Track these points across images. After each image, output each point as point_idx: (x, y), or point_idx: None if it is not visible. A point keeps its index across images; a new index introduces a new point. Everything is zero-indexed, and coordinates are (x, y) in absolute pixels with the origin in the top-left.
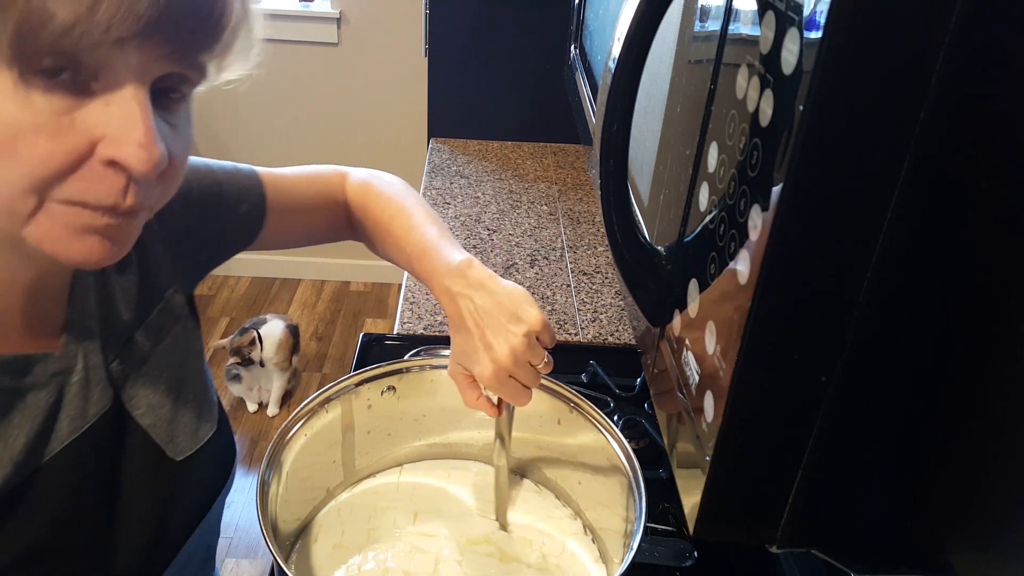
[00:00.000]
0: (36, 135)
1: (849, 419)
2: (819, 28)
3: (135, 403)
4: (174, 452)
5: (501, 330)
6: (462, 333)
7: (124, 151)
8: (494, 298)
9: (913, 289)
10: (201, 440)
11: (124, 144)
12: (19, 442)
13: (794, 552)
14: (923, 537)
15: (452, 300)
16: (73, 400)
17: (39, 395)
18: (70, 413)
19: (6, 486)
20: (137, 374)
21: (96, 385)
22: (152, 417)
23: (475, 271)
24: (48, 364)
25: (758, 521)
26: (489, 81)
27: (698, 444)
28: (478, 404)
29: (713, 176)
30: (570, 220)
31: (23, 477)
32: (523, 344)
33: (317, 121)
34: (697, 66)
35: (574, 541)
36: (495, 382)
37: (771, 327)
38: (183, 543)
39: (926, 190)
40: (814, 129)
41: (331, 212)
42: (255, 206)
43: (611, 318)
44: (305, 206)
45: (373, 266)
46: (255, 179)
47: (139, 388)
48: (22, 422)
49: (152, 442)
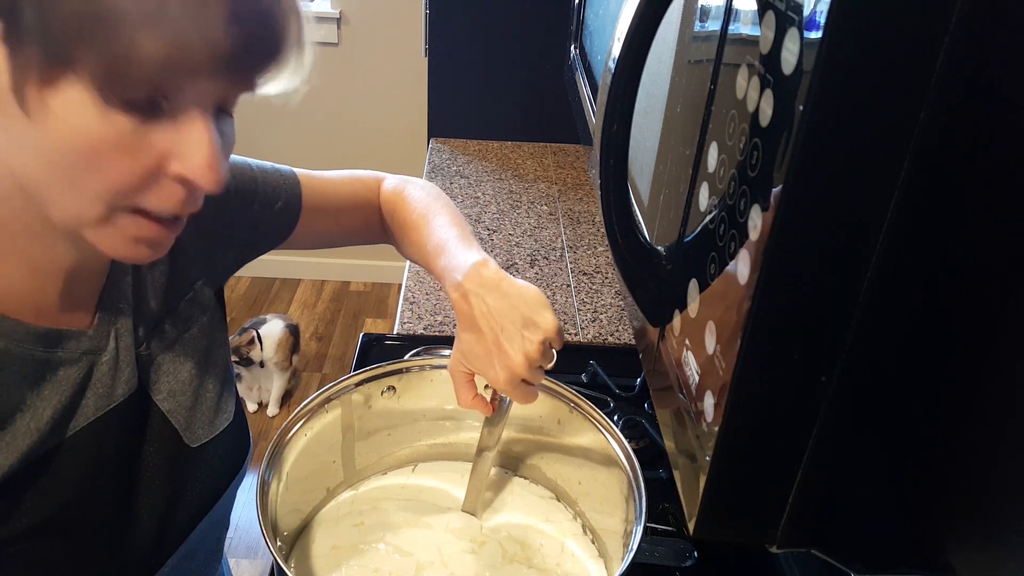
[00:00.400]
0: (116, 152)
1: (849, 419)
2: (819, 28)
3: (157, 388)
4: (190, 439)
5: (516, 336)
6: (472, 333)
7: (194, 170)
8: (508, 300)
9: (913, 289)
10: (217, 430)
11: (194, 163)
12: (46, 414)
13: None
14: (923, 537)
15: (464, 298)
16: (102, 379)
17: (69, 370)
18: (98, 391)
19: (30, 455)
20: (161, 360)
21: (125, 367)
22: (172, 403)
23: (489, 271)
24: (80, 341)
25: (758, 521)
26: (489, 81)
27: (698, 444)
28: (473, 403)
29: (713, 176)
30: (570, 220)
31: (47, 449)
32: (538, 352)
33: (317, 121)
34: (697, 66)
35: (574, 541)
36: (509, 387)
37: (771, 327)
38: (191, 530)
39: (926, 190)
40: (814, 129)
41: (364, 214)
42: (290, 204)
43: (611, 318)
44: (339, 207)
45: (373, 266)
46: (292, 179)
47: (162, 374)
48: (51, 395)
49: (171, 427)
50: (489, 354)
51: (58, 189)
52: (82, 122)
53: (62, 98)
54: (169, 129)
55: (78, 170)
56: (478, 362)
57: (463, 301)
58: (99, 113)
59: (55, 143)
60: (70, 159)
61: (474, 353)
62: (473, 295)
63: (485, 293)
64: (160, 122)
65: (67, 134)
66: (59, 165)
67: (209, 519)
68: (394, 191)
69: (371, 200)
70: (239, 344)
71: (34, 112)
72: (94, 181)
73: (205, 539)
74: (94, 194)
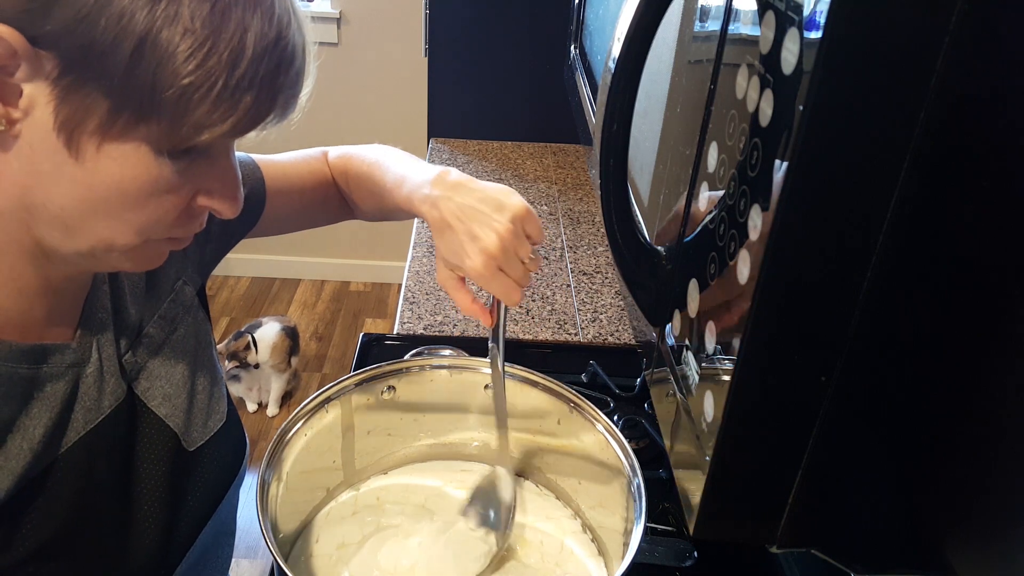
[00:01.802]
0: (165, 193)
1: (849, 419)
2: (819, 28)
3: (151, 394)
4: (188, 442)
5: (487, 220)
6: (446, 233)
7: (223, 203)
8: (475, 194)
9: (913, 289)
10: (211, 431)
11: (222, 196)
12: (37, 432)
13: (794, 552)
14: (923, 537)
15: (433, 205)
16: (88, 391)
17: (56, 385)
18: (85, 404)
19: (25, 477)
20: (151, 365)
21: (110, 377)
22: (168, 407)
23: (453, 175)
24: (65, 354)
25: (758, 521)
26: (489, 81)
27: (698, 444)
28: (472, 309)
29: (713, 176)
30: (570, 220)
31: (41, 468)
32: (510, 231)
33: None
34: (697, 66)
35: (574, 541)
36: (486, 273)
37: (771, 327)
38: (196, 536)
39: (926, 190)
40: (814, 129)
41: (323, 189)
42: (255, 190)
43: (611, 318)
44: (301, 186)
45: (373, 266)
46: (252, 164)
47: (154, 379)
48: (40, 413)
49: (170, 432)
50: (463, 244)
51: (93, 222)
52: (135, 169)
53: (119, 148)
54: (207, 167)
55: (123, 208)
56: (456, 258)
57: (433, 208)
58: (153, 160)
59: (102, 184)
60: (116, 199)
61: (451, 251)
62: (441, 199)
63: (452, 194)
64: (198, 159)
65: (118, 179)
66: (102, 202)
67: (213, 523)
68: (340, 156)
69: (325, 173)
70: (236, 349)
71: (84, 156)
72: (136, 216)
73: (212, 546)
74: (133, 227)
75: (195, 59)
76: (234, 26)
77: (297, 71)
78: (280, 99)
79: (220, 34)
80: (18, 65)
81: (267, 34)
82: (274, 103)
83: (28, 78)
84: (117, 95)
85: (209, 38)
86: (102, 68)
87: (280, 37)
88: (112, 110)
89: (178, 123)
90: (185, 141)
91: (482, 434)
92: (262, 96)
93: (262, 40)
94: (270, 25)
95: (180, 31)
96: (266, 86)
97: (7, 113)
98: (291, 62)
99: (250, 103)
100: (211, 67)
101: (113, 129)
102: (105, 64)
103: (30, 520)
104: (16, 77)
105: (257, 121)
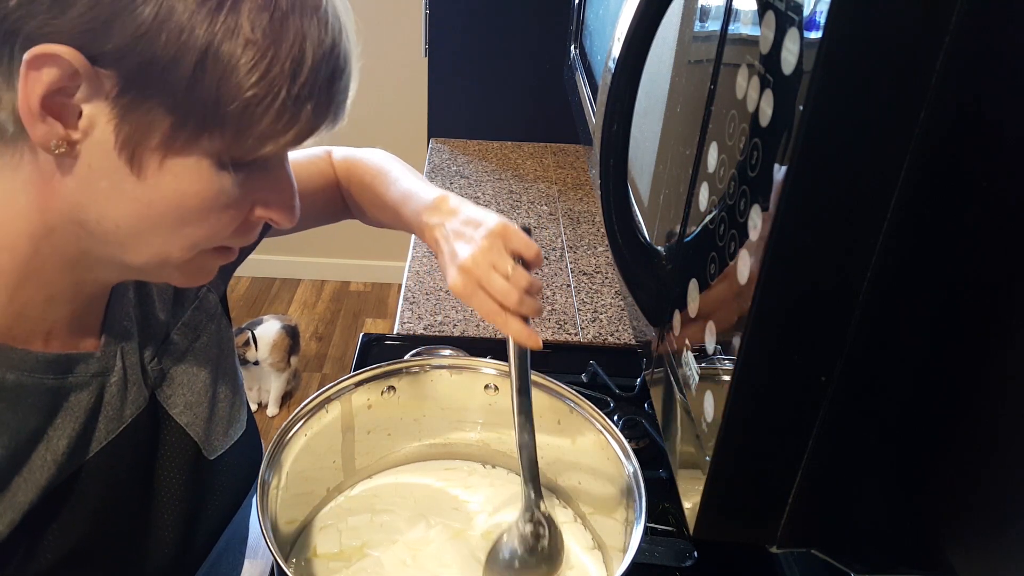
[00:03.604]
0: (225, 207)
1: (849, 419)
2: (819, 28)
3: (173, 402)
4: (208, 451)
5: (465, 238)
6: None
7: (280, 214)
8: (464, 217)
9: (913, 289)
10: (232, 439)
11: (280, 207)
12: (61, 443)
13: (794, 552)
14: (923, 537)
15: (431, 231)
16: (112, 401)
17: (80, 395)
18: (108, 414)
19: (48, 488)
20: (174, 372)
21: (132, 385)
22: (189, 416)
23: (449, 202)
24: (90, 364)
25: (758, 521)
26: (489, 81)
27: (698, 444)
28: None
29: (713, 176)
30: (570, 220)
31: (64, 479)
32: (484, 246)
33: None
34: (697, 66)
35: (574, 540)
36: (465, 290)
37: (771, 327)
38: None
39: (926, 190)
40: (814, 129)
41: (329, 191)
42: None
43: (611, 318)
44: (310, 189)
45: (373, 266)
46: None
47: (176, 387)
48: (64, 423)
49: (190, 440)
50: (446, 264)
51: (150, 237)
52: (197, 184)
53: (182, 163)
54: (263, 178)
55: (182, 223)
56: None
57: (430, 234)
58: (214, 174)
59: (162, 200)
60: (177, 214)
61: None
62: (437, 227)
63: (446, 219)
64: (255, 171)
65: (180, 194)
66: (161, 217)
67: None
68: (345, 159)
69: (330, 175)
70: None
71: (146, 172)
72: (195, 231)
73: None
74: (190, 242)
75: (258, 70)
76: (293, 35)
77: (349, 77)
78: (333, 106)
79: (281, 44)
80: (78, 86)
81: (324, 41)
82: (329, 110)
83: (88, 98)
84: (180, 110)
85: (270, 48)
86: (164, 84)
87: (335, 44)
88: (175, 125)
89: (242, 136)
90: (249, 154)
91: (482, 434)
92: (320, 104)
93: (320, 48)
94: (326, 32)
95: (242, 43)
96: (324, 94)
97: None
98: (344, 68)
99: (311, 112)
100: (274, 77)
101: (176, 144)
102: (167, 80)
103: (52, 531)
104: (76, 98)
105: (314, 130)
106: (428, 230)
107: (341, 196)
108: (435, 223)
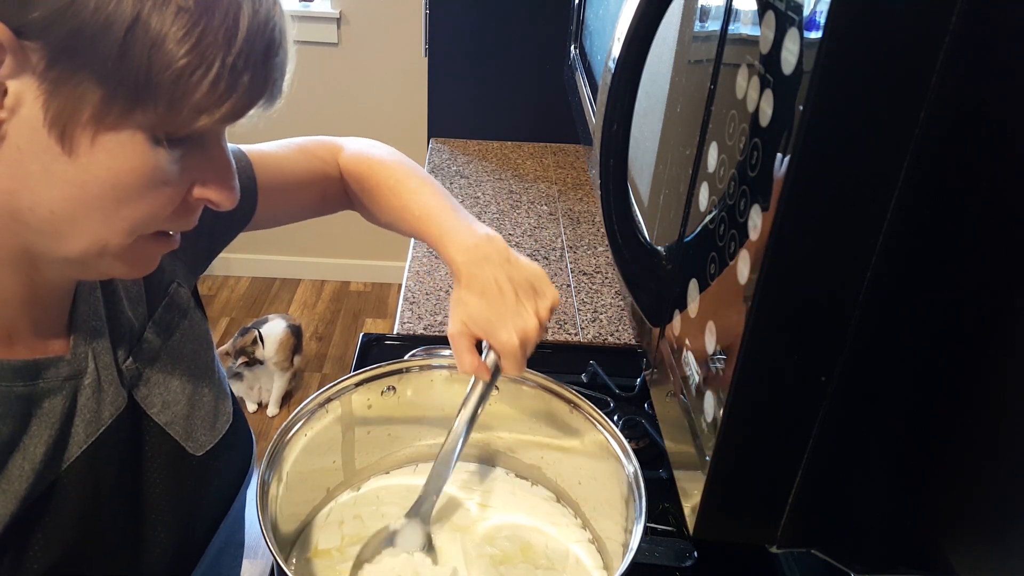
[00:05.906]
0: (161, 184)
1: (849, 419)
2: (819, 28)
3: (150, 401)
4: (194, 448)
5: (531, 303)
6: (482, 298)
7: (219, 194)
8: (522, 272)
9: (913, 289)
10: (219, 433)
11: (218, 187)
12: (38, 451)
13: (794, 552)
14: (923, 537)
15: (476, 264)
16: (87, 403)
17: (54, 401)
18: (85, 417)
19: (28, 498)
20: (150, 372)
21: (109, 386)
22: (168, 415)
23: (500, 243)
24: (60, 368)
25: (758, 521)
26: (489, 81)
27: (698, 444)
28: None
29: (713, 176)
30: (570, 220)
31: (44, 486)
32: (545, 320)
33: (317, 121)
34: (697, 66)
35: (573, 541)
36: (518, 351)
37: (771, 327)
38: (210, 540)
39: (926, 190)
40: (814, 129)
41: (324, 185)
42: (246, 188)
43: (611, 318)
44: (297, 182)
45: (373, 266)
46: (244, 160)
47: (153, 386)
48: (40, 430)
49: (171, 440)
50: (502, 318)
51: (86, 222)
52: (131, 160)
53: (115, 139)
54: (200, 156)
55: (118, 204)
56: (489, 326)
57: (474, 266)
58: (149, 149)
59: (96, 180)
60: (113, 194)
61: (484, 317)
62: (487, 263)
63: (502, 262)
64: (192, 148)
65: (115, 172)
66: (97, 199)
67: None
68: (357, 159)
69: (329, 172)
70: (243, 344)
71: (78, 150)
72: (132, 212)
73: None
74: (128, 224)
75: (191, 38)
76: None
77: (284, 53)
78: (270, 82)
79: (213, 12)
80: (2, 61)
81: (258, 11)
82: (266, 85)
83: (13, 74)
84: (110, 82)
85: (203, 16)
86: (93, 54)
87: (269, 17)
88: (106, 98)
89: (176, 108)
90: (183, 127)
91: (482, 435)
92: (256, 77)
93: (255, 18)
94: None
95: (173, 10)
96: (259, 67)
97: None
98: (280, 43)
99: (247, 84)
100: (207, 46)
101: (108, 118)
102: (96, 50)
103: (37, 542)
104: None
105: (250, 105)
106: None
107: (342, 189)
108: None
